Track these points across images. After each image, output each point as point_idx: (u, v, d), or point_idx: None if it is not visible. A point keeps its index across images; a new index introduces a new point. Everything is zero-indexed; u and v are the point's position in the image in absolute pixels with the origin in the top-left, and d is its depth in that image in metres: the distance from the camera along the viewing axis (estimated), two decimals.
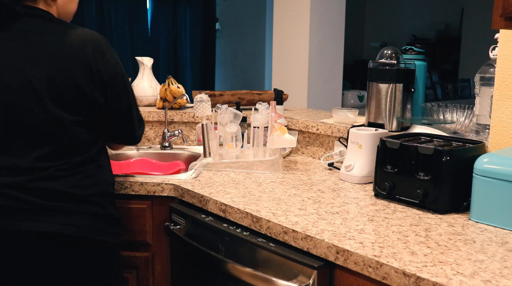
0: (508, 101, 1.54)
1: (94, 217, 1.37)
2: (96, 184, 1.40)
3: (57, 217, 1.31)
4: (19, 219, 1.28)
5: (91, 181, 1.39)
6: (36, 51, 1.34)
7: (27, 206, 1.29)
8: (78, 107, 1.37)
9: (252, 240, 1.38)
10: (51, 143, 1.34)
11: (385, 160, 1.54)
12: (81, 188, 1.36)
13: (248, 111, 2.11)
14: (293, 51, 3.48)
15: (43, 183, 1.31)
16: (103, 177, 1.44)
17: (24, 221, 1.28)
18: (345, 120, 2.08)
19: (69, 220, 1.32)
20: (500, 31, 1.55)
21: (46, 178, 1.32)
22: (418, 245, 1.19)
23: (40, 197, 1.30)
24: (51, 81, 1.32)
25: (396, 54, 1.89)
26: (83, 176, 1.37)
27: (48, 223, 1.30)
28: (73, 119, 1.36)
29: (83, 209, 1.35)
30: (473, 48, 5.78)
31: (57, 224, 1.30)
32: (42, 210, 1.30)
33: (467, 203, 1.42)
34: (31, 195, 1.29)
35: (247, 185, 1.68)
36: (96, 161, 1.42)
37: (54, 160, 1.34)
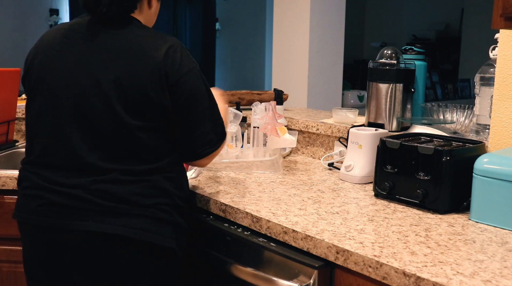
0: (508, 101, 1.54)
1: (159, 222, 1.32)
2: (161, 195, 1.34)
3: (120, 219, 1.28)
4: (83, 219, 1.27)
5: (156, 192, 1.33)
6: (108, 52, 1.31)
7: (92, 206, 1.27)
8: (142, 111, 1.30)
9: (253, 240, 1.38)
10: (114, 146, 1.30)
11: (385, 160, 1.54)
12: (143, 197, 1.31)
13: (248, 111, 2.11)
14: (293, 51, 3.48)
15: (106, 186, 1.28)
16: (171, 189, 1.36)
17: (88, 221, 1.27)
18: (345, 120, 2.08)
19: (133, 222, 1.29)
20: (500, 31, 1.55)
21: (109, 182, 1.29)
22: (418, 245, 1.19)
23: (104, 198, 1.28)
24: (119, 83, 1.28)
25: (396, 54, 1.89)
26: (147, 185, 1.31)
27: (111, 224, 1.27)
28: (136, 124, 1.30)
29: (148, 213, 1.31)
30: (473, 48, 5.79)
31: (120, 226, 1.27)
32: (106, 211, 1.27)
33: (467, 203, 1.42)
34: (95, 196, 1.27)
35: (247, 185, 1.68)
36: (166, 172, 1.35)
37: (117, 163, 1.30)
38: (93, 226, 1.27)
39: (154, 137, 1.33)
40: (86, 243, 1.28)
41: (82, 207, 1.27)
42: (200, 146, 1.39)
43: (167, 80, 1.30)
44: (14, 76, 2.08)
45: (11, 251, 1.74)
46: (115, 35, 1.33)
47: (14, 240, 1.72)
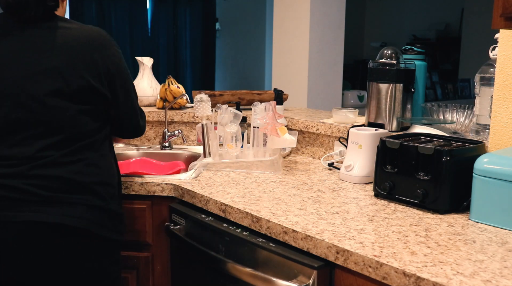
0: (508, 101, 1.54)
1: (96, 210, 1.37)
2: (99, 173, 1.41)
3: (59, 208, 1.31)
4: (20, 210, 1.28)
5: (93, 170, 1.39)
6: (44, 44, 1.38)
7: (29, 196, 1.29)
8: (84, 97, 1.39)
9: (252, 240, 1.38)
10: (56, 133, 1.35)
11: (385, 160, 1.54)
12: (83, 175, 1.36)
13: (248, 111, 2.11)
14: (293, 51, 3.48)
15: (44, 170, 1.31)
16: (106, 167, 1.45)
17: (25, 212, 1.28)
18: (345, 120, 2.08)
19: (72, 211, 1.32)
20: (500, 31, 1.55)
21: (48, 165, 1.32)
22: (418, 245, 1.19)
23: (42, 187, 1.30)
24: (59, 72, 1.35)
25: (396, 54, 1.89)
26: (85, 163, 1.38)
27: (49, 213, 1.29)
28: (79, 108, 1.38)
29: (85, 201, 1.35)
30: (473, 48, 5.79)
31: (58, 215, 1.30)
32: (42, 201, 1.30)
33: (467, 203, 1.42)
34: (32, 185, 1.30)
35: (247, 185, 1.68)
36: (99, 150, 1.43)
37: (58, 149, 1.35)
38: (32, 216, 1.28)
39: (95, 119, 1.42)
40: (25, 233, 1.29)
41: (18, 197, 1.29)
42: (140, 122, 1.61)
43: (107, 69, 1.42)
44: None
45: None
46: (45, 29, 1.40)
47: None
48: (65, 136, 1.36)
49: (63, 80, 1.36)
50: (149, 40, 6.62)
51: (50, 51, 1.37)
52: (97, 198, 1.38)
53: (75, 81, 1.37)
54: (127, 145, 2.31)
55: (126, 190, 1.70)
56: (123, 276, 1.62)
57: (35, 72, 1.35)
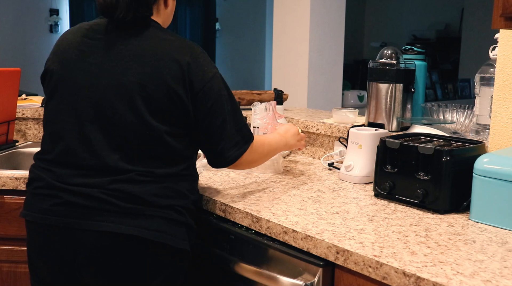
0: (508, 101, 1.54)
1: (174, 224, 1.33)
2: (176, 197, 1.35)
3: (136, 220, 1.28)
4: (99, 219, 1.27)
5: (171, 194, 1.34)
6: (132, 54, 1.32)
7: (108, 206, 1.27)
8: (166, 115, 1.32)
9: (256, 238, 1.38)
10: (135, 148, 1.31)
11: (385, 160, 1.54)
12: (158, 198, 1.31)
13: (248, 111, 2.11)
14: (293, 51, 3.49)
15: (123, 186, 1.28)
16: (185, 192, 1.37)
17: (104, 222, 1.27)
18: (345, 120, 2.08)
19: (148, 224, 1.29)
20: (500, 31, 1.55)
21: (126, 181, 1.29)
22: (418, 245, 1.19)
23: (120, 199, 1.28)
24: (143, 85, 1.29)
25: (396, 54, 1.89)
26: (163, 186, 1.33)
27: (127, 225, 1.27)
28: (161, 127, 1.31)
29: (162, 214, 1.31)
30: (473, 48, 5.79)
31: (136, 227, 1.27)
32: (122, 212, 1.27)
33: (467, 203, 1.42)
34: (111, 196, 1.28)
35: (247, 185, 1.68)
36: (183, 176, 1.38)
37: (136, 164, 1.30)
38: (109, 227, 1.27)
39: (177, 141, 1.35)
40: (100, 243, 1.28)
41: (97, 207, 1.27)
42: (226, 150, 1.40)
43: (192, 87, 1.33)
44: (14, 76, 2.08)
45: (11, 251, 1.74)
46: (137, 38, 1.34)
47: (14, 240, 1.72)
48: (143, 153, 1.31)
49: (146, 94, 1.29)
50: None
51: (138, 61, 1.31)
52: (178, 213, 1.34)
53: (158, 96, 1.30)
54: None
55: None
56: None
57: (122, 84, 1.30)
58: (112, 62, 1.32)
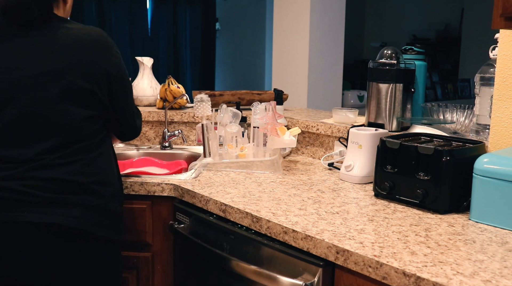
0: (508, 101, 1.54)
1: (94, 210, 1.36)
2: (96, 172, 1.40)
3: (57, 209, 1.30)
4: (18, 210, 1.28)
5: (91, 169, 1.39)
6: (45, 46, 1.37)
7: (28, 197, 1.29)
8: (86, 101, 1.39)
9: (256, 238, 1.39)
10: (55, 135, 1.35)
11: (385, 160, 1.54)
12: (80, 175, 1.35)
13: (248, 111, 2.11)
14: (293, 51, 3.49)
15: (41, 172, 1.31)
16: (103, 165, 1.43)
17: (24, 213, 1.28)
18: (345, 120, 2.08)
19: (69, 211, 1.32)
20: (500, 31, 1.55)
21: (44, 167, 1.32)
22: (418, 245, 1.19)
23: (39, 188, 1.30)
24: (61, 74, 1.35)
25: (396, 54, 1.89)
26: (82, 164, 1.37)
27: (48, 214, 1.29)
28: (80, 112, 1.38)
29: (83, 201, 1.34)
30: (473, 48, 5.79)
31: (57, 216, 1.30)
32: (41, 202, 1.29)
33: (467, 203, 1.42)
34: (30, 187, 1.29)
35: (247, 185, 1.68)
36: (97, 149, 1.42)
37: (55, 151, 1.34)
38: (31, 217, 1.28)
39: (95, 123, 1.42)
40: (24, 234, 1.29)
41: (18, 198, 1.28)
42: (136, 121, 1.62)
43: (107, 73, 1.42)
44: None
45: None
46: (44, 29, 1.39)
47: None
48: (63, 139, 1.35)
49: (65, 82, 1.35)
50: (149, 40, 6.61)
51: (51, 52, 1.37)
52: (96, 197, 1.37)
53: (77, 83, 1.36)
54: (127, 145, 2.31)
55: (126, 190, 1.70)
56: (123, 276, 1.62)
57: (37, 75, 1.34)
58: (25, 54, 1.36)
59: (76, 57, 1.38)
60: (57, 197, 1.31)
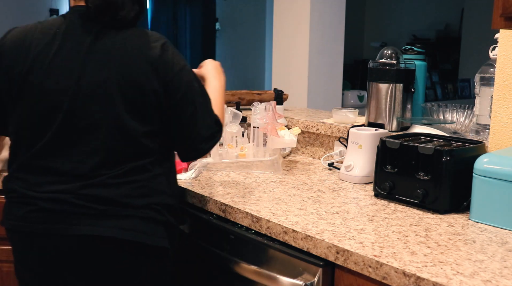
0: (508, 101, 1.54)
1: (150, 222, 1.31)
2: (150, 195, 1.32)
3: (111, 221, 1.26)
4: (73, 223, 1.25)
5: (145, 192, 1.31)
6: (100, 52, 1.28)
7: (82, 210, 1.25)
8: (146, 116, 1.29)
9: (256, 238, 1.39)
10: (113, 152, 1.28)
11: (385, 160, 1.54)
12: (133, 198, 1.29)
13: (248, 111, 2.11)
14: (293, 51, 3.48)
15: (95, 190, 1.26)
16: (159, 188, 1.34)
17: (79, 225, 1.25)
18: (345, 120, 2.08)
19: (124, 224, 1.27)
20: (500, 31, 1.55)
21: (98, 186, 1.26)
22: (418, 245, 1.19)
23: (94, 202, 1.26)
24: (117, 85, 1.25)
25: (396, 54, 1.89)
26: (136, 186, 1.30)
27: (103, 227, 1.26)
28: (140, 130, 1.28)
29: (138, 213, 1.29)
30: (473, 48, 5.78)
31: (112, 228, 1.26)
32: (96, 214, 1.26)
33: (467, 203, 1.42)
34: (84, 200, 1.25)
35: (247, 185, 1.68)
36: (152, 170, 1.32)
37: (110, 168, 1.27)
38: (85, 230, 1.25)
39: (151, 141, 1.32)
40: (78, 246, 1.27)
41: (72, 211, 1.26)
42: (200, 142, 1.36)
43: (163, 79, 1.29)
44: None
45: (11, 251, 1.74)
46: (103, 35, 1.29)
47: None
48: (118, 156, 1.28)
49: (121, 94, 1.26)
50: None
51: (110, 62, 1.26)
52: (152, 211, 1.32)
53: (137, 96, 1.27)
54: None
55: None
56: None
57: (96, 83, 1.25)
58: (83, 61, 1.27)
59: (134, 67, 1.27)
60: (112, 210, 1.27)
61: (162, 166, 1.36)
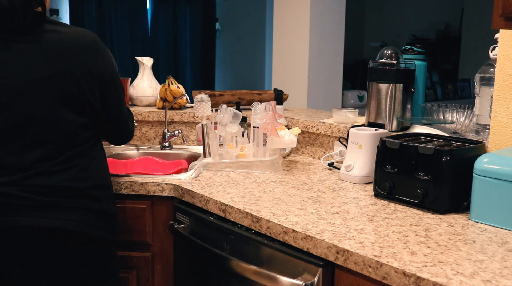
0: (508, 101, 1.54)
1: (91, 212, 1.37)
2: (92, 177, 1.40)
3: (55, 212, 1.31)
4: (17, 215, 1.28)
5: (87, 174, 1.39)
6: (39, 51, 1.34)
7: (25, 202, 1.29)
8: (80, 108, 1.39)
9: (256, 238, 1.39)
10: (51, 143, 1.34)
11: (385, 160, 1.54)
12: (77, 182, 1.36)
13: (248, 111, 2.11)
14: (293, 51, 3.49)
15: (39, 180, 1.31)
16: (98, 169, 1.44)
17: (22, 217, 1.28)
18: (345, 120, 2.08)
19: (67, 215, 1.32)
20: (500, 31, 1.55)
21: (42, 174, 1.31)
22: (418, 245, 1.19)
23: (38, 193, 1.30)
24: (55, 81, 1.33)
25: (396, 54, 1.89)
26: (78, 170, 1.37)
27: (46, 218, 1.30)
28: (77, 121, 1.37)
29: (80, 204, 1.35)
30: (473, 48, 5.79)
31: (56, 219, 1.30)
32: (40, 206, 1.30)
33: (467, 203, 1.42)
34: (28, 192, 1.29)
35: (247, 185, 1.68)
36: (89, 154, 1.42)
37: (50, 158, 1.34)
38: (30, 221, 1.28)
39: (86, 131, 1.41)
40: (22, 239, 1.29)
41: (16, 203, 1.28)
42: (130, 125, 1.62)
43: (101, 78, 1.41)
44: None
45: None
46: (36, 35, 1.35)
47: None
48: (58, 146, 1.35)
49: (58, 88, 1.34)
50: (149, 40, 6.62)
51: (44, 58, 1.34)
52: (94, 201, 1.38)
53: (70, 90, 1.35)
54: (127, 145, 2.31)
55: (126, 190, 1.70)
56: (122, 276, 1.62)
57: (30, 81, 1.32)
58: (20, 62, 1.33)
59: (69, 63, 1.36)
60: (55, 201, 1.32)
61: (97, 149, 1.47)
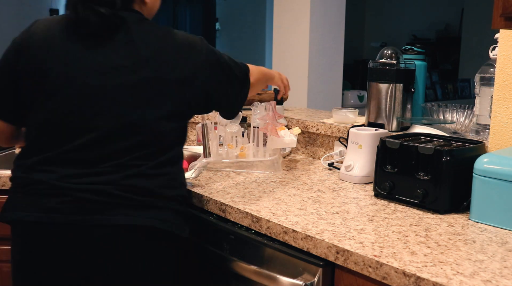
0: (508, 101, 1.54)
1: (178, 214, 1.38)
2: (179, 187, 1.41)
3: (149, 212, 1.31)
4: (112, 213, 1.27)
5: (175, 185, 1.39)
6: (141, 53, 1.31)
7: (120, 201, 1.28)
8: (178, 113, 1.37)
9: (256, 238, 1.39)
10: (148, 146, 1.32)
11: (385, 160, 1.54)
12: (168, 190, 1.36)
13: (248, 111, 2.11)
14: (293, 51, 3.48)
15: (135, 181, 1.30)
16: (183, 181, 1.45)
17: (117, 215, 1.28)
18: (345, 120, 2.08)
19: (160, 215, 1.32)
20: (500, 31, 1.55)
21: (139, 176, 1.30)
22: (418, 245, 1.19)
23: (135, 193, 1.29)
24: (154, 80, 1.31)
25: (396, 54, 1.89)
26: (169, 178, 1.37)
27: (141, 217, 1.29)
28: (172, 125, 1.35)
29: (170, 205, 1.35)
30: (473, 48, 5.79)
31: (150, 218, 1.30)
32: (134, 205, 1.29)
33: (467, 203, 1.42)
34: (123, 191, 1.28)
35: (247, 185, 1.68)
36: (178, 163, 1.42)
37: (146, 159, 1.32)
38: (123, 220, 1.28)
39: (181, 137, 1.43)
40: (113, 236, 1.28)
41: (110, 202, 1.28)
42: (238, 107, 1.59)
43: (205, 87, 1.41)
44: None
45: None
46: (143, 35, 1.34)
47: None
48: (155, 149, 1.33)
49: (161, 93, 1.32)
50: None
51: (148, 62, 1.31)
52: (178, 204, 1.39)
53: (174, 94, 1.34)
54: None
55: None
56: None
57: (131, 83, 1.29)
58: (121, 59, 1.30)
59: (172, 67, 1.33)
60: (148, 200, 1.31)
61: (181, 159, 1.45)
